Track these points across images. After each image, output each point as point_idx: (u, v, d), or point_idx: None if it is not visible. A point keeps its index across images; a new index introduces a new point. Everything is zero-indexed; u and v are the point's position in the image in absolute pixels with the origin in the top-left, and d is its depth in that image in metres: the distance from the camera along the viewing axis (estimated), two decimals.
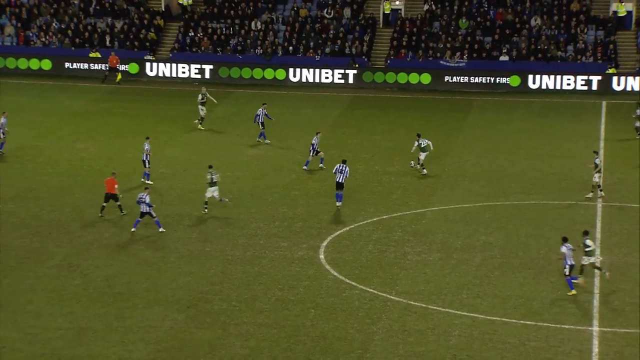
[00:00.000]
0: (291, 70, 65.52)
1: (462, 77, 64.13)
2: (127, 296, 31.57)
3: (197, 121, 52.85)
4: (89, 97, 59.85)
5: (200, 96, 52.96)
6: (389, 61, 66.44)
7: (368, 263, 34.75)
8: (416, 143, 44.82)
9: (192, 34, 67.79)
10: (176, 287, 32.47)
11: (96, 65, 65.64)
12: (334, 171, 40.50)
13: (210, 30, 67.88)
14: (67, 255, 34.85)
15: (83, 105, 57.80)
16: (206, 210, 39.45)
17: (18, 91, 60.63)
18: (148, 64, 65.81)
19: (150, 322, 29.72)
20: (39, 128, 51.40)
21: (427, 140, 44.82)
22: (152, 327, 29.45)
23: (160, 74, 65.75)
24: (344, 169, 40.18)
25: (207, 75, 65.59)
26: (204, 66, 65.69)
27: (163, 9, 69.66)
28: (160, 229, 37.02)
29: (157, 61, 66.18)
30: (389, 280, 33.29)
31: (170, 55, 67.13)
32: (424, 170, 44.90)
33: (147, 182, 42.27)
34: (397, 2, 69.53)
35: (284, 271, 33.95)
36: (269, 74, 65.66)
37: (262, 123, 49.81)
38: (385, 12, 69.23)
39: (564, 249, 31.79)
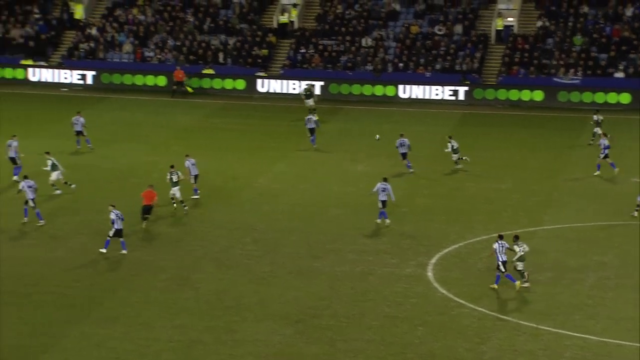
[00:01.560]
0: (401, 86, 65.40)
1: (575, 94, 62.99)
2: (237, 310, 31.86)
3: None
4: (200, 113, 60.82)
5: (303, 92, 56.07)
6: (500, 78, 65.72)
7: (477, 281, 34.32)
8: (449, 145, 46.78)
9: (304, 50, 68.33)
10: (285, 301, 32.63)
11: (209, 81, 66.72)
12: (374, 189, 39.85)
13: (321, 47, 68.31)
14: (178, 269, 35.38)
15: (195, 121, 58.75)
16: (175, 205, 40.72)
17: (134, 107, 62.00)
18: (259, 81, 66.57)
19: (259, 336, 29.92)
20: (153, 143, 52.44)
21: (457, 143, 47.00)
22: (261, 341, 29.65)
23: (272, 90, 66.42)
24: (386, 187, 39.73)
25: (317, 92, 65.92)
26: (314, 83, 66.06)
27: (276, 26, 70.42)
28: (124, 251, 36.47)
29: (269, 78, 66.89)
30: (498, 299, 32.80)
31: (282, 71, 67.77)
32: (458, 165, 47.10)
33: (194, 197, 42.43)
34: (510, 19, 68.77)
35: (392, 288, 33.78)
36: (378, 90, 65.69)
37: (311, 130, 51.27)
38: (498, 28, 68.54)
39: (496, 245, 33.01)
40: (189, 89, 64.74)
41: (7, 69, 67.54)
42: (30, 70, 67.51)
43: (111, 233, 36.28)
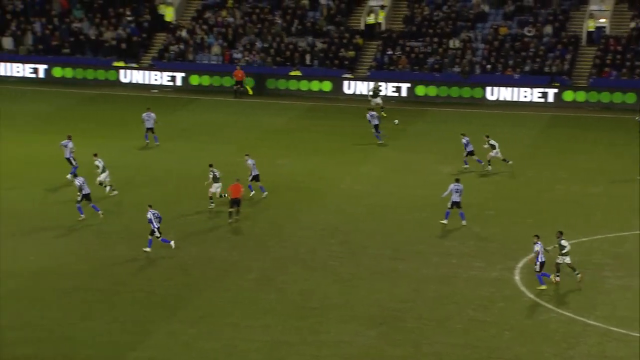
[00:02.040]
0: (489, 88, 64.83)
1: None
2: (322, 311, 31.98)
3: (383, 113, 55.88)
4: (288, 115, 61.15)
5: (372, 90, 57.27)
6: (591, 80, 64.68)
7: (565, 286, 33.83)
8: (487, 144, 47.01)
9: (391, 52, 68.22)
10: (369, 303, 32.63)
11: (296, 83, 67.09)
12: (447, 192, 39.83)
13: (408, 48, 68.13)
14: (264, 269, 35.67)
15: (282, 122, 59.10)
16: (212, 204, 41.24)
17: (222, 108, 62.65)
18: (345, 82, 66.67)
19: (344, 338, 29.99)
20: (241, 144, 52.90)
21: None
22: (345, 342, 29.71)
23: (358, 92, 66.44)
24: (459, 187, 39.71)
25: (403, 94, 65.82)
26: (400, 84, 65.97)
27: (363, 28, 70.46)
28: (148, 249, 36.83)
29: (355, 79, 66.95)
30: (587, 305, 32.31)
31: (368, 73, 67.78)
32: (489, 167, 47.34)
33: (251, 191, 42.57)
34: (602, 20, 67.61)
35: (477, 291, 33.53)
36: (466, 92, 65.25)
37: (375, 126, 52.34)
38: (589, 30, 67.48)
39: (539, 247, 33.19)
40: (249, 90, 65.29)
41: (100, 70, 68.91)
42: (121, 71, 68.77)
43: (157, 233, 36.81)
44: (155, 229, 36.65)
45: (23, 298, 32.52)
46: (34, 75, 69.20)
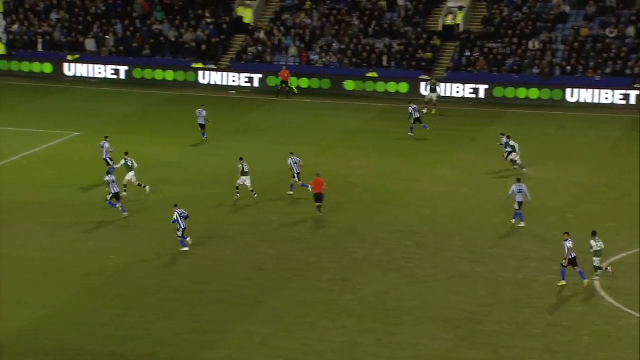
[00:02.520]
0: (569, 90, 63.95)
1: None
2: (398, 313, 31.90)
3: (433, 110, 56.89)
4: (364, 116, 61.10)
5: (431, 84, 60.00)
6: None
7: None
8: (504, 142, 47.42)
9: (469, 53, 67.77)
10: (446, 306, 32.45)
11: (373, 84, 67.02)
12: (510, 193, 39.89)
13: (486, 50, 67.59)
14: (340, 270, 35.70)
15: (359, 123, 59.07)
16: (238, 195, 42.60)
17: (299, 110, 62.78)
18: (423, 84, 66.37)
19: (420, 340, 29.87)
20: (319, 146, 53.07)
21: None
22: (421, 345, 29.59)
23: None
24: (522, 188, 39.71)
25: (481, 95, 65.29)
26: (478, 86, 65.45)
27: (441, 29, 70.12)
28: (185, 248, 37.19)
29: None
30: None
31: (445, 75, 67.40)
32: (522, 167, 47.21)
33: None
34: None
35: (556, 295, 33.10)
36: (545, 94, 64.46)
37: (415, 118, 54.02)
38: None
39: (568, 244, 33.60)
40: (295, 89, 65.55)
41: (179, 71, 69.69)
42: (200, 73, 69.46)
43: (180, 233, 37.13)
44: (181, 229, 37.03)
45: (104, 296, 33.07)
46: (115, 77, 70.32)
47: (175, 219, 37.13)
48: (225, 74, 69.17)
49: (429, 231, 39.61)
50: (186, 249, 37.11)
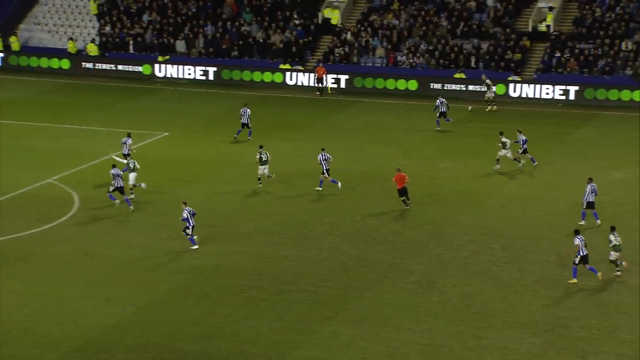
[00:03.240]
0: None
1: None
2: (484, 316, 31.62)
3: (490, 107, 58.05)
4: (451, 117, 60.65)
5: (487, 82, 60.98)
6: None
7: None
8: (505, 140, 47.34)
9: (559, 54, 66.82)
10: (533, 310, 32.06)
11: (461, 86, 66.55)
12: (586, 194, 39.68)
13: (577, 50, 66.56)
14: (425, 272, 35.54)
15: (445, 125, 58.68)
16: (260, 185, 44.29)
17: (385, 111, 62.74)
18: (512, 85, 65.70)
19: (507, 344, 29.57)
20: (404, 147, 52.90)
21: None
22: (508, 349, 29.29)
23: (524, 95, 65.40)
24: (595, 187, 39.56)
25: (571, 97, 64.34)
26: (568, 87, 64.50)
27: (530, 30, 69.29)
28: (195, 246, 37.34)
29: (521, 82, 65.89)
30: None
31: (535, 76, 66.59)
32: (522, 163, 47.67)
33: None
34: None
35: None
36: (637, 95, 63.21)
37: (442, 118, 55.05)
38: None
39: (577, 241, 33.78)
40: (328, 89, 65.56)
41: (267, 72, 70.20)
42: (287, 74, 69.87)
43: (189, 231, 37.33)
44: (190, 227, 37.33)
45: (192, 294, 33.47)
46: (203, 78, 71.17)
47: (185, 216, 37.50)
48: (312, 75, 69.41)
49: (516, 234, 39.17)
50: (196, 246, 37.44)
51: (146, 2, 76.57)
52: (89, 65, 73.06)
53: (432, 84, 67.01)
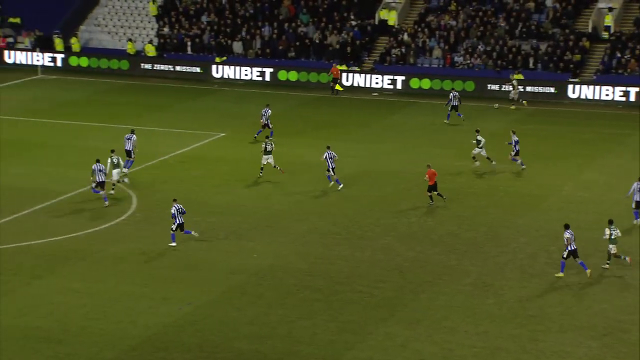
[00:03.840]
0: None
1: None
2: (541, 319, 31.31)
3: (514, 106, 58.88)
4: (507, 119, 60.23)
5: (513, 81, 61.74)
6: None
7: None
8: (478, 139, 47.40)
9: (619, 55, 65.94)
10: (591, 313, 31.68)
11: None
12: (630, 191, 39.73)
13: (638, 51, 65.62)
14: (481, 274, 35.29)
15: (501, 126, 58.23)
16: (261, 174, 45.61)
17: (442, 112, 62.43)
18: (570, 86, 65.00)
19: (564, 348, 29.24)
20: (459, 148, 52.57)
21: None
22: (566, 352, 28.97)
23: (583, 96, 64.68)
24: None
25: (631, 98, 63.54)
26: (629, 89, 63.67)
27: (590, 31, 68.49)
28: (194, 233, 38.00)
29: (580, 83, 65.15)
30: None
31: (594, 77, 65.80)
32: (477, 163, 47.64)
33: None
34: None
35: None
36: None
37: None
38: None
39: (567, 235, 34.00)
40: (339, 87, 65.69)
41: (322, 73, 70.24)
42: (343, 75, 69.83)
43: (174, 227, 37.44)
44: (176, 224, 37.53)
45: (248, 294, 33.58)
46: (260, 79, 71.47)
47: (174, 213, 37.64)
48: (368, 75, 69.36)
49: (575, 236, 38.67)
50: (174, 244, 37.58)
51: (204, 4, 77.11)
52: (148, 66, 73.79)
53: (489, 85, 66.59)
